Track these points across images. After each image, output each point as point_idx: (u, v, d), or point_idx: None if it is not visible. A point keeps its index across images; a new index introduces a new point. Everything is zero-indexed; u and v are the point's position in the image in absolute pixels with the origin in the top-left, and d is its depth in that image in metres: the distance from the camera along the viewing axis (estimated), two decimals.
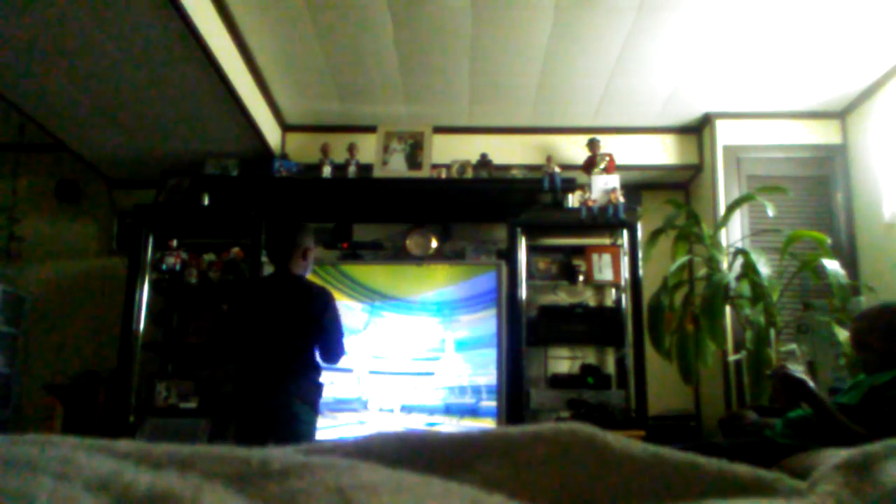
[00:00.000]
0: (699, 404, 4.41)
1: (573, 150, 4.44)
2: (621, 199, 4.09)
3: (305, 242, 3.00)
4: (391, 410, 3.87)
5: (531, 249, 4.20)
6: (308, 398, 2.81)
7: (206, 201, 4.22)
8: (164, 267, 4.13)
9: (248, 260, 4.10)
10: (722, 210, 4.06)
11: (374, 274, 4.09)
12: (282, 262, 2.97)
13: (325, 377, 2.97)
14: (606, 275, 4.16)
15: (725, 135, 4.33)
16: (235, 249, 4.17)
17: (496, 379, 3.85)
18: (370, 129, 4.40)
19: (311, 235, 3.06)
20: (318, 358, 2.90)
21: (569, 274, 4.22)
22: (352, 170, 4.28)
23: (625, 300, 4.11)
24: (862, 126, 4.13)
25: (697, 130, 4.53)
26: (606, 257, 4.18)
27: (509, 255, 4.06)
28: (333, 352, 2.89)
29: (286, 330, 2.85)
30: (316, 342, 2.87)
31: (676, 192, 4.70)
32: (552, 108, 4.32)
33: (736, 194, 4.12)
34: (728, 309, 3.78)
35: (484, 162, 4.31)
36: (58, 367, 4.36)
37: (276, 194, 4.20)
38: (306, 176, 4.30)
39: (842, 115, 4.30)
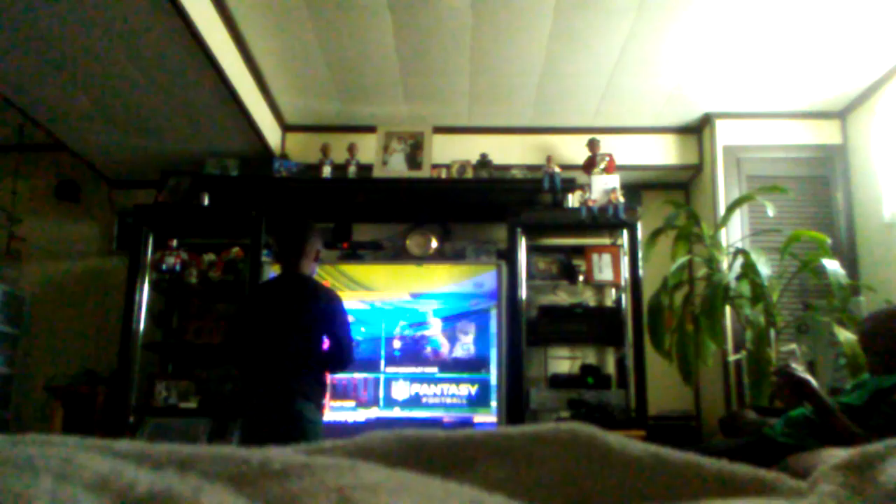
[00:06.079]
0: (699, 404, 4.41)
1: (573, 150, 4.44)
2: (621, 199, 4.09)
3: (317, 244, 3.02)
4: (392, 409, 3.87)
5: (531, 249, 4.20)
6: (314, 397, 2.80)
7: (206, 201, 4.21)
8: (164, 267, 4.12)
9: (248, 260, 4.10)
10: (722, 210, 4.06)
11: (374, 274, 4.09)
12: (292, 264, 2.96)
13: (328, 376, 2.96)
14: (606, 275, 4.16)
15: (725, 135, 4.33)
16: (235, 249, 4.17)
17: (496, 379, 3.85)
18: (370, 129, 4.40)
19: (321, 236, 3.08)
20: (323, 359, 2.88)
21: (569, 274, 4.22)
22: (352, 170, 4.28)
23: (625, 300, 4.11)
24: (862, 126, 4.13)
25: (697, 130, 4.53)
26: (606, 257, 4.18)
27: (509, 255, 4.06)
28: (343, 360, 2.87)
29: (294, 331, 2.84)
30: (321, 344, 2.86)
31: (676, 192, 4.70)
32: (552, 108, 4.32)
33: (736, 194, 4.12)
34: (728, 309, 3.78)
35: (484, 162, 4.31)
36: (58, 367, 4.36)
37: (276, 194, 4.20)
38: (306, 176, 4.30)
39: (842, 115, 4.30)
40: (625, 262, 4.11)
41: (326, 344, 2.89)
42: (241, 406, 3.00)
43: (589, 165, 4.29)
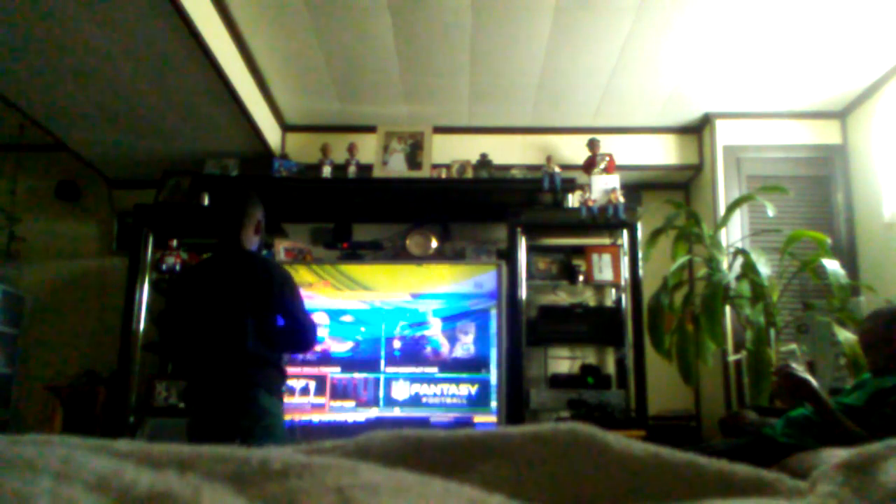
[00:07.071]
0: (699, 404, 4.41)
1: (573, 150, 4.44)
2: (621, 199, 4.09)
3: (258, 213, 2.68)
4: (392, 409, 3.87)
5: (531, 249, 4.20)
6: (275, 388, 2.50)
7: (206, 201, 4.22)
8: (164, 267, 4.12)
9: None
10: (722, 210, 4.06)
11: (374, 274, 4.09)
12: (232, 236, 2.61)
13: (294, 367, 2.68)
14: (606, 275, 4.16)
15: (725, 135, 4.33)
16: None
17: (496, 379, 3.85)
18: (370, 129, 4.40)
19: (261, 207, 2.72)
20: (281, 342, 2.59)
21: (569, 274, 4.22)
22: (352, 170, 4.28)
23: (625, 300, 4.10)
24: (862, 126, 4.13)
25: (697, 130, 4.53)
26: (606, 257, 4.18)
27: (509, 255, 4.06)
28: (306, 339, 2.59)
29: (245, 313, 2.48)
30: (276, 326, 2.55)
31: (676, 192, 4.70)
32: (552, 108, 4.32)
33: (736, 194, 4.12)
34: (728, 309, 3.78)
35: (484, 162, 4.31)
36: (58, 367, 4.36)
37: (276, 194, 4.20)
38: (306, 176, 4.30)
39: (842, 115, 4.30)
40: (625, 262, 4.11)
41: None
42: (186, 406, 2.58)
43: (589, 165, 4.30)
